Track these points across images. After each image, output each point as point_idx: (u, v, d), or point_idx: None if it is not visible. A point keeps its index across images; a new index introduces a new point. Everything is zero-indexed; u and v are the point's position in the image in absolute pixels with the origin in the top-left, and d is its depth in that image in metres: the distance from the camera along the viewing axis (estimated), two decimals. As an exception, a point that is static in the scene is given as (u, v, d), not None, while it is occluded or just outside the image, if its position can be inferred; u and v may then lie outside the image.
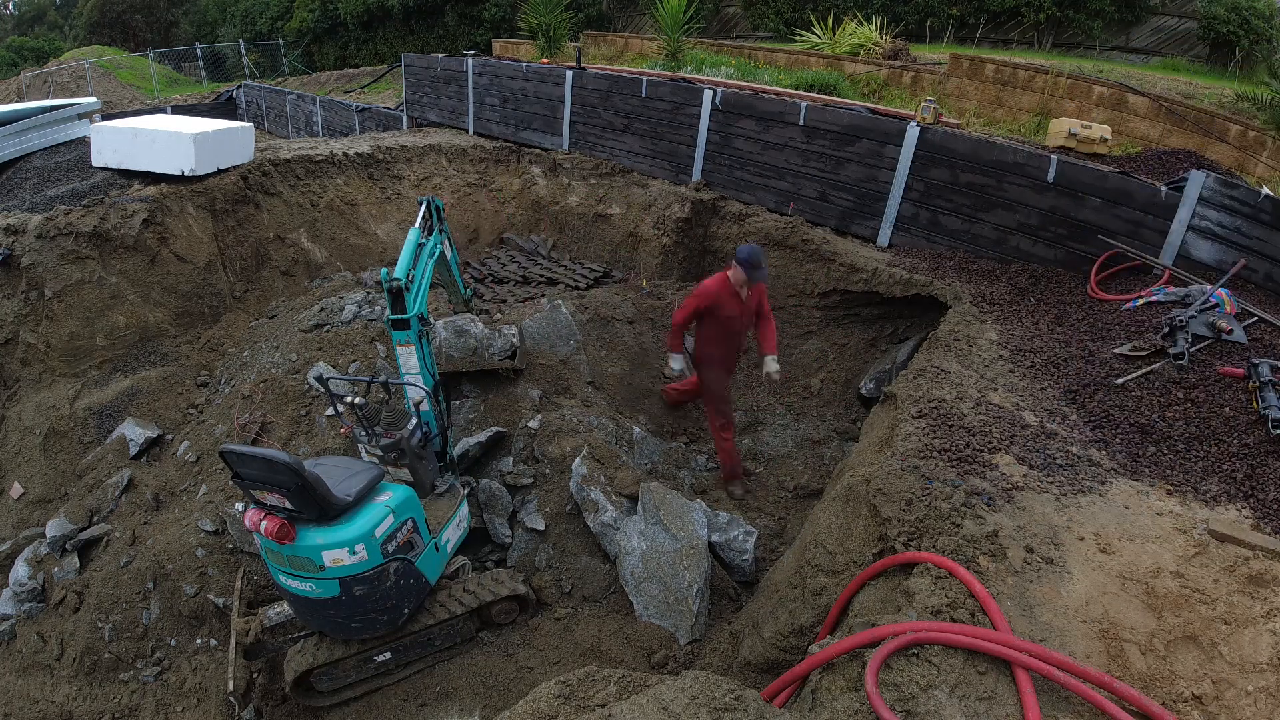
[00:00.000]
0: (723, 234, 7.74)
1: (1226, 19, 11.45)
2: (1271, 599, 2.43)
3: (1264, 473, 3.19)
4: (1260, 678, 2.19)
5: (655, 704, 2.10)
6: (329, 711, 3.99)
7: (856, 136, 6.68)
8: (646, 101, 8.32)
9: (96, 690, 4.29)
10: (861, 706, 2.08)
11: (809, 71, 10.54)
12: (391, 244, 8.97)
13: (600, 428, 5.19)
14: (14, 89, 22.86)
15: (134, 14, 32.35)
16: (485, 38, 18.88)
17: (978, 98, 9.64)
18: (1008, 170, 5.92)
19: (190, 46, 27.06)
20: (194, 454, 5.43)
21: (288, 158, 8.58)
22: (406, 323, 3.87)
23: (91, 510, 5.19)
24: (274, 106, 17.86)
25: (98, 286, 6.46)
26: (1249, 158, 8.04)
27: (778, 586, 3.60)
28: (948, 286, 5.62)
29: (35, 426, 6.04)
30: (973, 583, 2.43)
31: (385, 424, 4.08)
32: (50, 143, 9.62)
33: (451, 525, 4.23)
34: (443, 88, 11.58)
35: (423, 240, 4.23)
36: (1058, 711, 2.07)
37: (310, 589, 3.51)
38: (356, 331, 6.00)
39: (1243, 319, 4.40)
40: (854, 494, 3.21)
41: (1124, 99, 8.64)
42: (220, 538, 4.58)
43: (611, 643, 3.94)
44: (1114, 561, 2.67)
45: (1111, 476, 3.23)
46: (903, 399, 3.83)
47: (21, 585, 4.78)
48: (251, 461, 3.24)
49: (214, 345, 6.91)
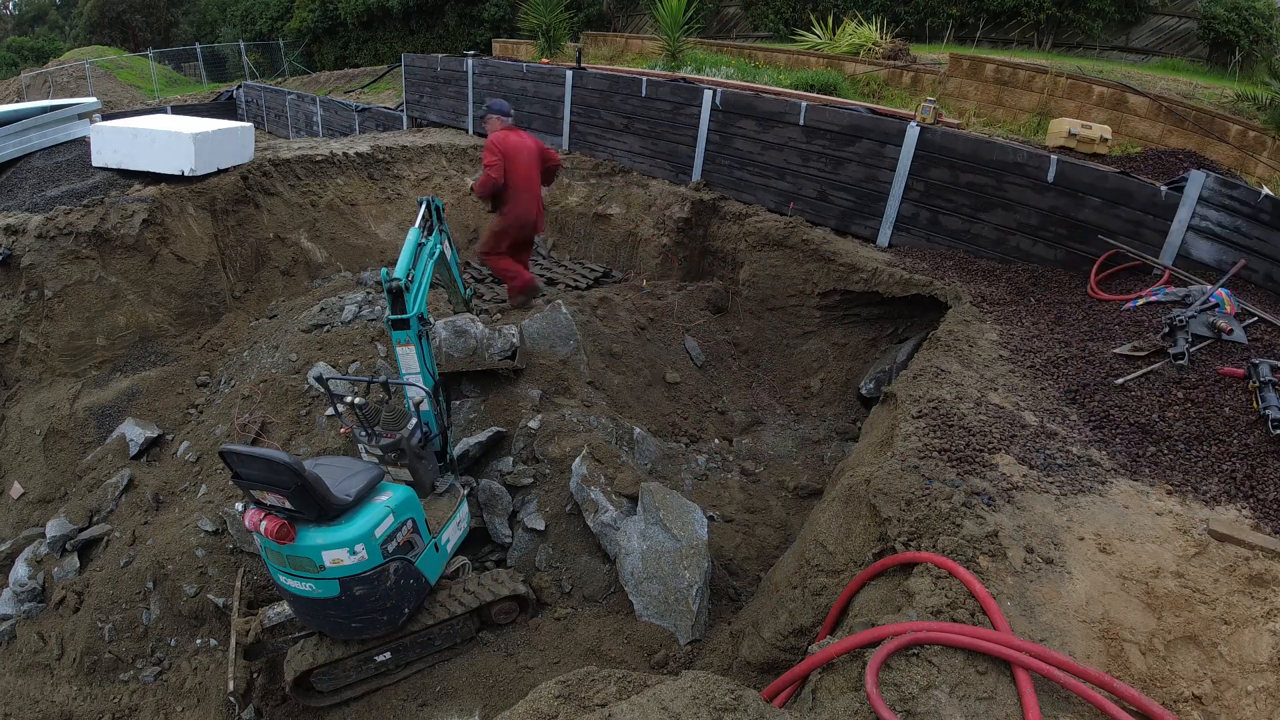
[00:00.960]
0: (723, 234, 7.73)
1: (1226, 19, 11.45)
2: (1271, 599, 2.43)
3: (1264, 473, 3.19)
4: (1260, 678, 2.19)
5: (655, 704, 2.10)
6: (329, 711, 3.99)
7: (856, 136, 6.68)
8: (646, 101, 8.32)
9: (96, 690, 4.29)
10: (861, 706, 2.08)
11: (809, 71, 10.55)
12: (391, 244, 8.97)
13: (600, 428, 5.19)
14: (14, 89, 22.88)
15: (134, 14, 32.37)
16: (485, 38, 18.88)
17: (978, 98, 9.64)
18: (1008, 170, 5.92)
19: (190, 46, 27.07)
20: (194, 454, 5.43)
21: (288, 158, 8.58)
22: (406, 323, 3.87)
23: (91, 510, 5.18)
24: (274, 106, 17.86)
25: (98, 286, 6.46)
26: (1249, 158, 8.04)
27: (778, 586, 3.60)
28: (948, 286, 5.62)
29: (35, 426, 6.04)
30: (973, 583, 2.43)
31: (385, 424, 4.08)
32: (50, 143, 9.61)
33: (451, 525, 4.23)
34: (443, 88, 11.59)
35: (423, 240, 4.23)
36: (1058, 711, 2.07)
37: (310, 589, 3.51)
38: (356, 331, 6.00)
39: (1243, 319, 4.40)
40: (854, 494, 3.21)
41: (1124, 99, 8.64)
42: (220, 538, 4.58)
43: (611, 643, 3.94)
44: (1114, 561, 2.67)
45: (1111, 476, 3.23)
46: (903, 399, 3.83)
47: (21, 585, 4.78)
48: (251, 461, 3.24)
49: (214, 345, 6.90)
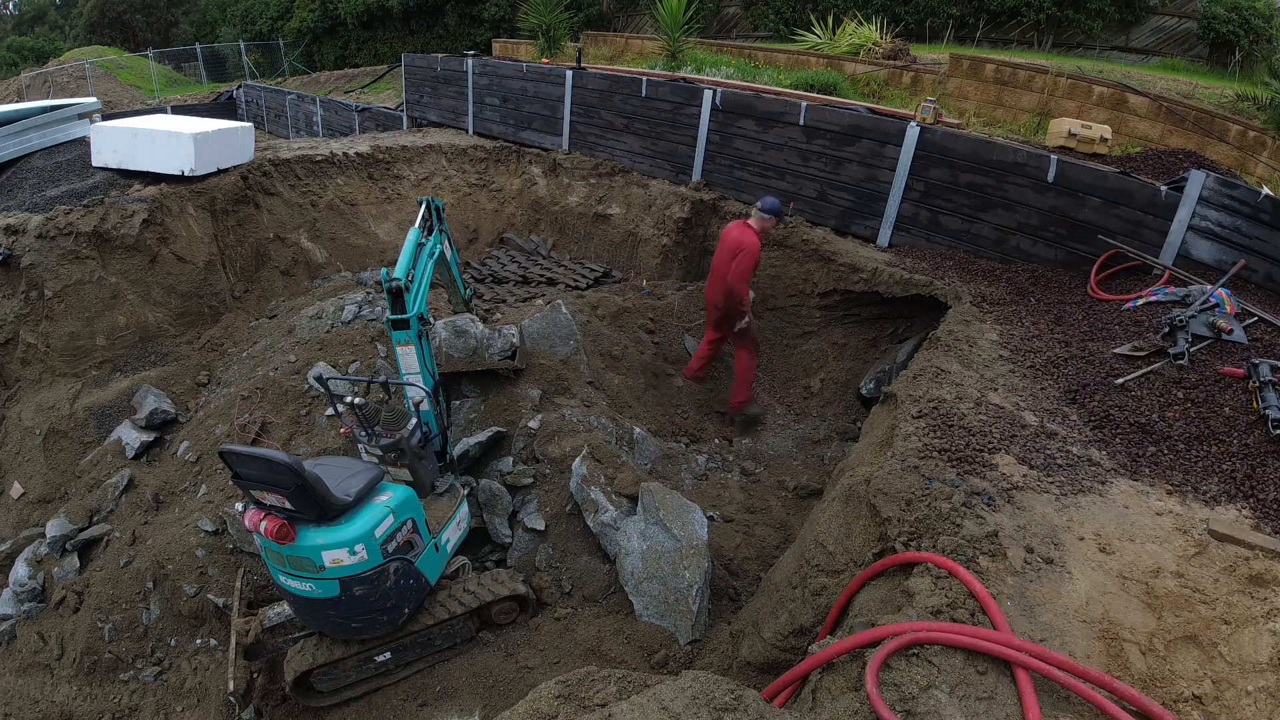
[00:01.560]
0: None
1: (1226, 19, 11.45)
2: (1271, 599, 2.43)
3: (1264, 473, 3.19)
4: (1260, 678, 2.19)
5: (655, 704, 2.10)
6: (329, 711, 3.99)
7: (856, 136, 6.68)
8: (646, 101, 8.32)
9: (96, 690, 4.29)
10: (861, 706, 2.08)
11: (809, 71, 10.54)
12: (391, 244, 8.97)
13: (600, 428, 5.19)
14: (14, 89, 22.87)
15: (134, 14, 32.37)
16: (485, 38, 18.88)
17: (978, 98, 9.64)
18: (1008, 170, 5.92)
19: (190, 46, 27.06)
20: (194, 454, 5.43)
21: (288, 158, 8.58)
22: (406, 322, 3.87)
23: (91, 510, 5.18)
24: (274, 106, 17.86)
25: (98, 286, 6.46)
26: (1249, 158, 8.04)
27: (778, 586, 3.60)
28: (948, 286, 5.62)
29: (35, 426, 6.04)
30: (973, 583, 2.43)
31: (385, 424, 4.08)
32: (50, 143, 9.60)
33: (451, 525, 4.23)
34: (443, 88, 11.58)
35: (422, 240, 4.24)
36: (1058, 711, 2.07)
37: (310, 589, 3.51)
38: (356, 331, 6.00)
39: (1243, 319, 4.40)
40: (854, 494, 3.21)
41: (1124, 99, 8.64)
42: (220, 538, 4.58)
43: (611, 643, 3.94)
44: (1114, 561, 2.67)
45: (1111, 476, 3.23)
46: (903, 399, 3.83)
47: (21, 585, 4.78)
48: (251, 462, 3.24)
49: (214, 345, 6.91)
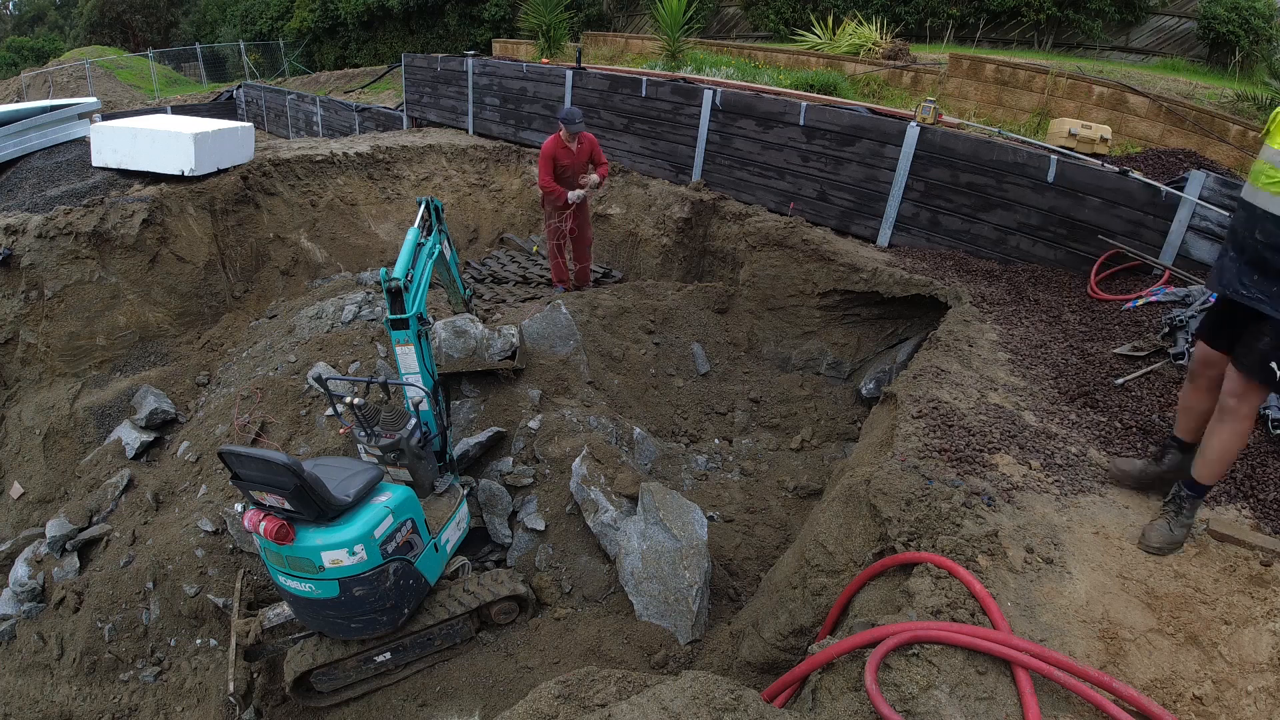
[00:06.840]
0: (723, 234, 7.73)
1: (1226, 19, 11.44)
2: (1271, 599, 2.43)
3: (1264, 473, 3.19)
4: (1260, 678, 2.19)
5: (655, 704, 2.10)
6: (329, 712, 3.99)
7: (856, 136, 6.68)
8: (646, 101, 8.32)
9: (96, 690, 4.29)
10: (862, 706, 2.08)
11: (809, 72, 10.53)
12: (391, 244, 8.97)
13: (600, 428, 5.19)
14: (14, 89, 22.86)
15: (134, 14, 32.37)
16: (485, 38, 18.87)
17: (978, 98, 9.63)
18: (1008, 170, 5.92)
19: (190, 46, 27.05)
20: (194, 454, 5.43)
21: (288, 158, 8.58)
22: (405, 322, 3.87)
23: (91, 510, 5.19)
24: (274, 106, 17.86)
25: (98, 286, 6.46)
26: (1249, 158, 8.04)
27: (778, 586, 3.60)
28: (948, 286, 5.62)
29: (35, 426, 6.04)
30: (973, 582, 2.42)
31: (384, 424, 4.08)
32: (50, 143, 9.59)
33: (451, 525, 4.23)
34: (443, 88, 11.58)
35: (422, 240, 4.23)
36: (1057, 711, 2.07)
37: (310, 589, 3.51)
38: (356, 331, 6.00)
39: (1243, 319, 4.39)
40: (854, 494, 3.21)
41: (1124, 99, 8.64)
42: (220, 538, 4.58)
43: (611, 643, 3.94)
44: (1114, 561, 2.67)
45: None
46: (903, 399, 3.83)
47: (21, 585, 4.78)
48: (250, 462, 3.24)
49: (214, 345, 6.91)
